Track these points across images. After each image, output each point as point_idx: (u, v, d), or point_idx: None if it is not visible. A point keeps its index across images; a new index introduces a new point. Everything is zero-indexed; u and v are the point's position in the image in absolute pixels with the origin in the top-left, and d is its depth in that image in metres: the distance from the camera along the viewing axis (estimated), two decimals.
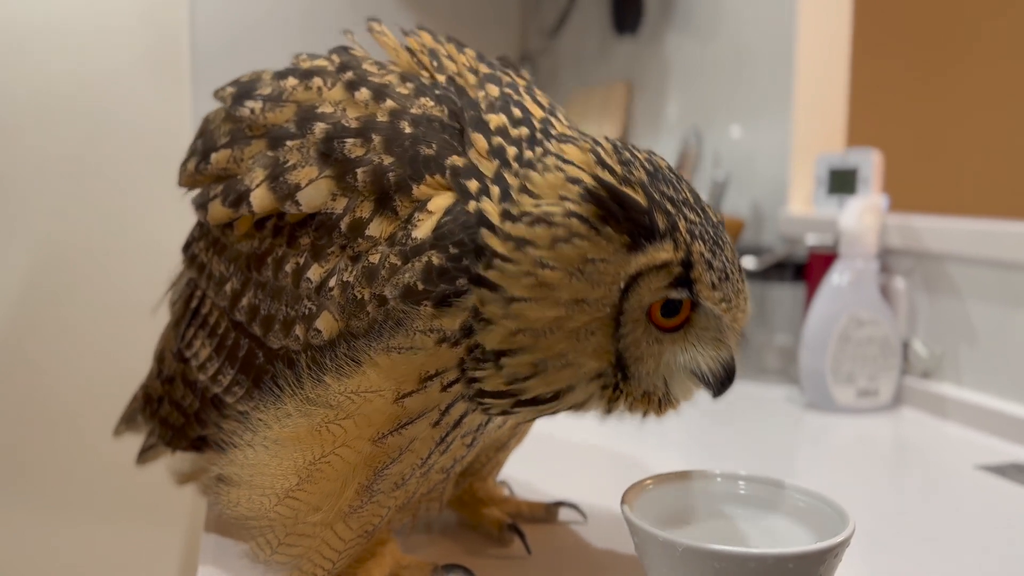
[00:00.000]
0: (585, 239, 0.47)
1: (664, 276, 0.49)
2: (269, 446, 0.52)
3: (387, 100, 0.53)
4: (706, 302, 0.50)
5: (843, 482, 0.86)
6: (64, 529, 1.57)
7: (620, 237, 0.48)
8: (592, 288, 0.48)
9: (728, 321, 0.51)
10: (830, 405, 1.08)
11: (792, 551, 0.47)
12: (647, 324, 0.50)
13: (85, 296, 1.57)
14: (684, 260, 0.49)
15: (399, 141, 0.51)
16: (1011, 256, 0.98)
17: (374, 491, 0.53)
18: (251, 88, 0.58)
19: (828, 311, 1.08)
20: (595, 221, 0.47)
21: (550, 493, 0.75)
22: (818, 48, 1.35)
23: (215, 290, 0.58)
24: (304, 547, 0.54)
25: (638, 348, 0.50)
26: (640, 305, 0.49)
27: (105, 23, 1.56)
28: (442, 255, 0.48)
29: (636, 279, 0.48)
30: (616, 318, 0.49)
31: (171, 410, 0.65)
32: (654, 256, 0.48)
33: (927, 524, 0.74)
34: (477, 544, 0.65)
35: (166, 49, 1.62)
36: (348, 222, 0.50)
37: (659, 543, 0.48)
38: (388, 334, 0.49)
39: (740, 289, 0.52)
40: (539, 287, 0.47)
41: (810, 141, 1.36)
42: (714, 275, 0.50)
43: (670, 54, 1.70)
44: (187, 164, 0.60)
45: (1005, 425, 0.97)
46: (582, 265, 0.48)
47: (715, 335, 0.52)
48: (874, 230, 1.09)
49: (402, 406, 0.50)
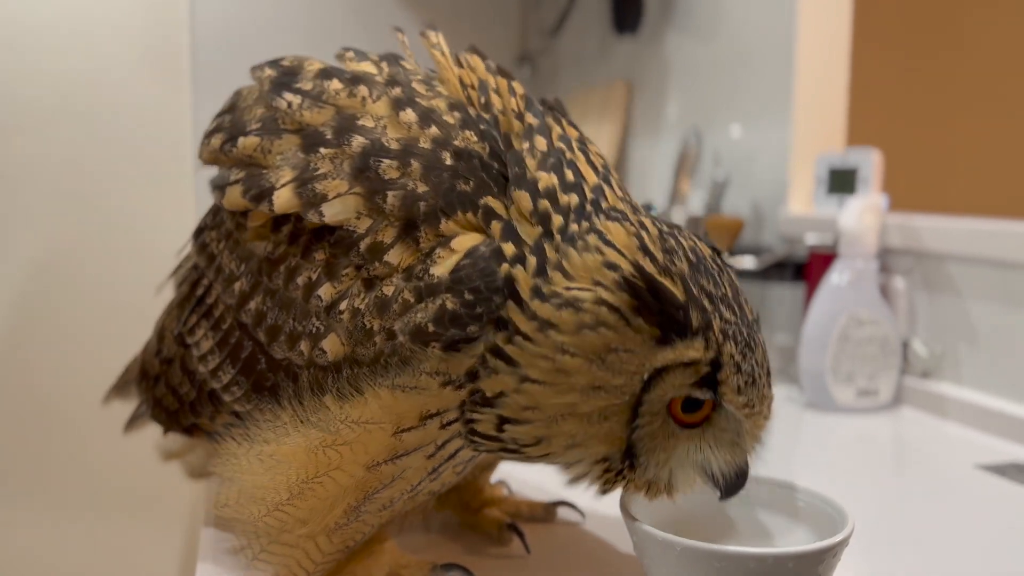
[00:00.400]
0: (612, 328, 0.46)
1: (691, 374, 0.47)
2: (264, 460, 0.52)
3: (432, 127, 0.51)
4: (729, 405, 0.49)
5: (842, 482, 0.85)
6: (63, 527, 1.57)
7: (651, 330, 0.46)
8: (612, 376, 0.47)
9: (748, 426, 0.50)
10: (830, 405, 1.08)
11: (791, 551, 0.47)
12: (666, 417, 0.49)
13: (84, 295, 1.57)
14: (713, 360, 0.47)
15: (438, 171, 0.49)
16: (1011, 256, 0.98)
17: (361, 511, 0.53)
18: (292, 78, 0.55)
19: (828, 311, 1.08)
20: (627, 311, 0.46)
21: (549, 492, 0.75)
22: (818, 48, 1.35)
23: (223, 286, 0.57)
24: (284, 556, 0.54)
25: (653, 440, 0.49)
26: (662, 399, 0.48)
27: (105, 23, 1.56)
28: (456, 300, 0.47)
29: (661, 372, 0.47)
30: (634, 407, 0.48)
31: (166, 392, 0.65)
32: (683, 352, 0.47)
33: (927, 524, 0.74)
34: (476, 543, 0.65)
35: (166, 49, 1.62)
36: (368, 244, 0.49)
37: (658, 543, 0.48)
38: (394, 371, 0.48)
39: (765, 395, 0.50)
40: (556, 372, 0.46)
41: (810, 141, 1.36)
42: (741, 379, 0.48)
43: (670, 54, 1.70)
44: (211, 139, 0.57)
45: (1005, 425, 0.96)
46: (604, 354, 0.46)
47: (733, 438, 0.51)
48: (874, 230, 1.09)
49: (400, 439, 0.50)
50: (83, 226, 1.57)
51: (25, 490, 1.56)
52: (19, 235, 1.53)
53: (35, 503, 1.56)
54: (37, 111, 1.53)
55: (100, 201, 1.58)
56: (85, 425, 1.53)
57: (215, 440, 0.58)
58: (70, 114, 1.55)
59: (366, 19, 1.94)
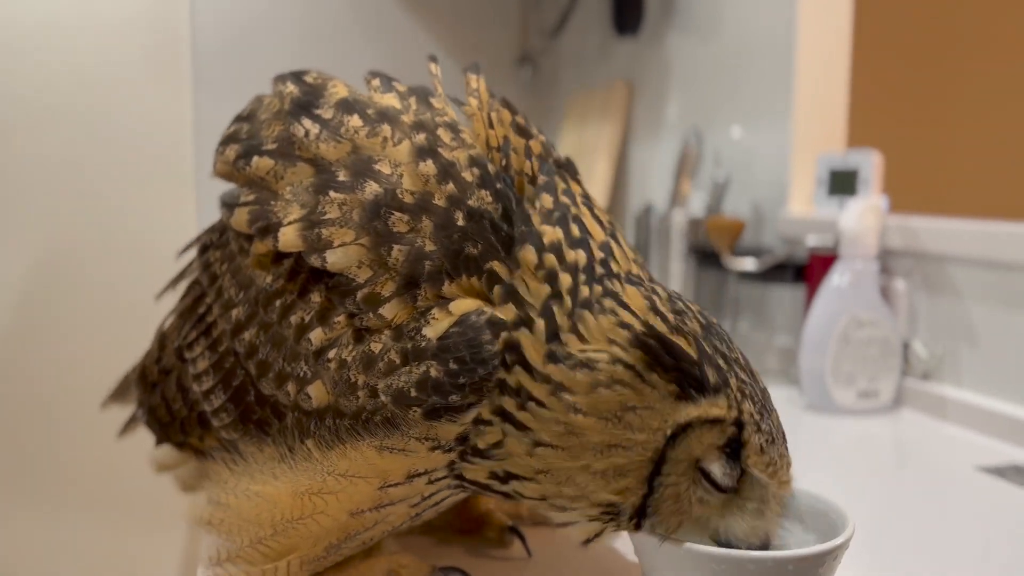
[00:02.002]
0: (628, 386, 0.46)
1: (717, 434, 0.47)
2: (251, 496, 0.52)
3: (449, 183, 0.50)
4: (753, 469, 0.48)
5: (843, 483, 0.85)
6: (65, 530, 1.57)
7: (667, 386, 0.46)
8: (632, 433, 0.46)
9: (773, 490, 0.49)
10: (830, 406, 1.08)
11: (791, 553, 0.47)
12: (695, 479, 0.48)
13: (85, 297, 1.57)
14: (736, 420, 0.47)
15: (448, 232, 0.48)
16: (1011, 257, 0.98)
17: (341, 548, 0.53)
18: (313, 100, 0.55)
19: (828, 312, 1.08)
20: (641, 368, 0.45)
21: None
22: (819, 49, 1.35)
23: (222, 310, 0.57)
24: (248, 572, 0.54)
25: (676, 501, 0.48)
26: (688, 456, 0.47)
27: (105, 23, 1.56)
28: (441, 368, 0.46)
29: (686, 430, 0.46)
30: (657, 463, 0.47)
31: (160, 404, 0.65)
32: (707, 409, 0.46)
33: (927, 525, 0.74)
34: (476, 546, 0.65)
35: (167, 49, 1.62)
36: (365, 294, 0.48)
37: (658, 545, 0.48)
38: (382, 432, 0.48)
39: (784, 454, 0.49)
40: (568, 435, 0.46)
41: (810, 142, 1.36)
42: (763, 438, 0.47)
43: (671, 54, 1.70)
44: (227, 150, 0.56)
45: (1005, 426, 0.96)
46: (620, 412, 0.46)
47: (758, 505, 0.49)
48: (874, 231, 1.09)
49: (386, 492, 0.50)
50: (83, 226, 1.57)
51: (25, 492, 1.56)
52: (18, 235, 1.53)
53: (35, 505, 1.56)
54: (37, 111, 1.53)
55: (100, 201, 1.58)
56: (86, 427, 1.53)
57: (204, 459, 0.58)
58: (70, 114, 1.55)
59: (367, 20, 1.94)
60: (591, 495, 0.48)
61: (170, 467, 0.72)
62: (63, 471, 1.57)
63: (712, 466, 0.47)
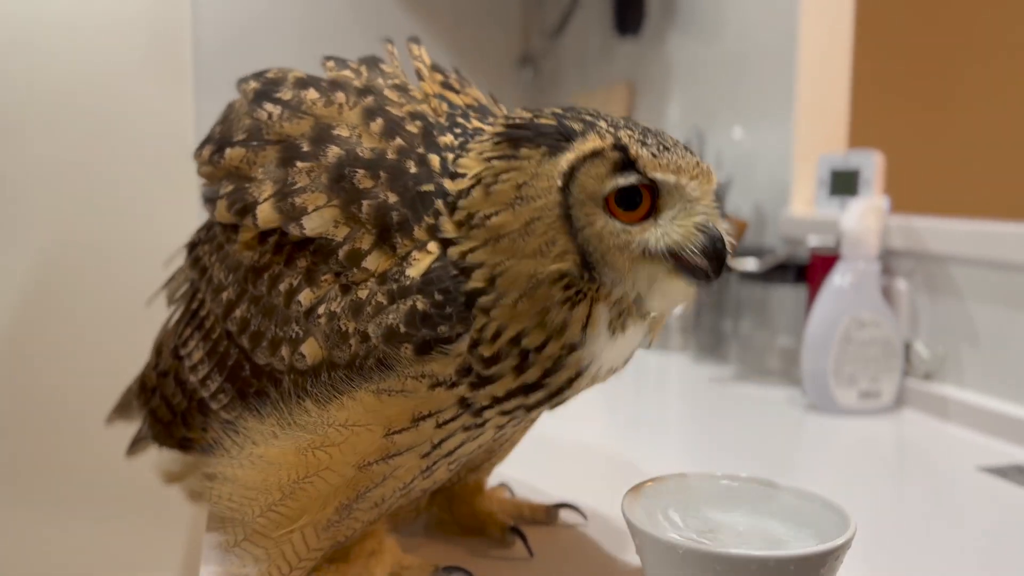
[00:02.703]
0: (508, 170, 0.49)
1: (601, 163, 0.48)
2: (255, 461, 0.52)
3: (397, 138, 0.53)
4: (655, 173, 0.49)
5: (845, 484, 0.85)
6: (67, 528, 1.57)
7: (537, 150, 0.49)
8: (535, 202, 0.48)
9: (691, 189, 0.49)
10: (832, 407, 1.08)
11: (793, 553, 0.47)
12: (608, 218, 0.49)
13: (87, 296, 1.57)
14: (616, 145, 0.48)
15: (403, 180, 0.51)
16: (1013, 257, 0.98)
17: (352, 509, 0.53)
18: (273, 88, 0.57)
19: (830, 312, 1.08)
20: (510, 150, 0.49)
21: (551, 495, 0.75)
22: (820, 49, 1.35)
23: (212, 295, 0.59)
24: (268, 548, 0.54)
25: (602, 242, 0.49)
26: (585, 193, 0.48)
27: (106, 22, 1.56)
28: (427, 301, 0.48)
29: (573, 173, 0.48)
30: (567, 216, 0.48)
31: (160, 404, 0.66)
32: (580, 148, 0.49)
33: (928, 526, 0.74)
34: (479, 546, 0.65)
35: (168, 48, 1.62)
36: (347, 251, 0.50)
37: (660, 545, 0.48)
38: (378, 376, 0.48)
39: (686, 156, 0.50)
40: (494, 240, 0.48)
41: (812, 142, 1.36)
42: (652, 149, 0.49)
43: (672, 55, 1.70)
44: (203, 150, 0.59)
45: (1007, 426, 0.96)
46: (517, 193, 0.48)
47: (682, 206, 0.50)
48: (876, 231, 1.09)
49: (392, 441, 0.50)
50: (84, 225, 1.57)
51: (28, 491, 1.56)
52: (19, 234, 1.53)
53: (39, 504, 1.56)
54: (38, 111, 1.53)
55: (101, 201, 1.58)
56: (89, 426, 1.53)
57: (208, 453, 0.58)
58: (71, 114, 1.55)
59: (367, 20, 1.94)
60: (540, 274, 0.48)
61: (178, 478, 0.72)
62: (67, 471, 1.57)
63: (607, 186, 0.48)
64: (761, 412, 1.09)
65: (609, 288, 0.49)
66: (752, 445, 0.97)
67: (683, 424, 1.10)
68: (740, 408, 1.12)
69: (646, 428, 1.06)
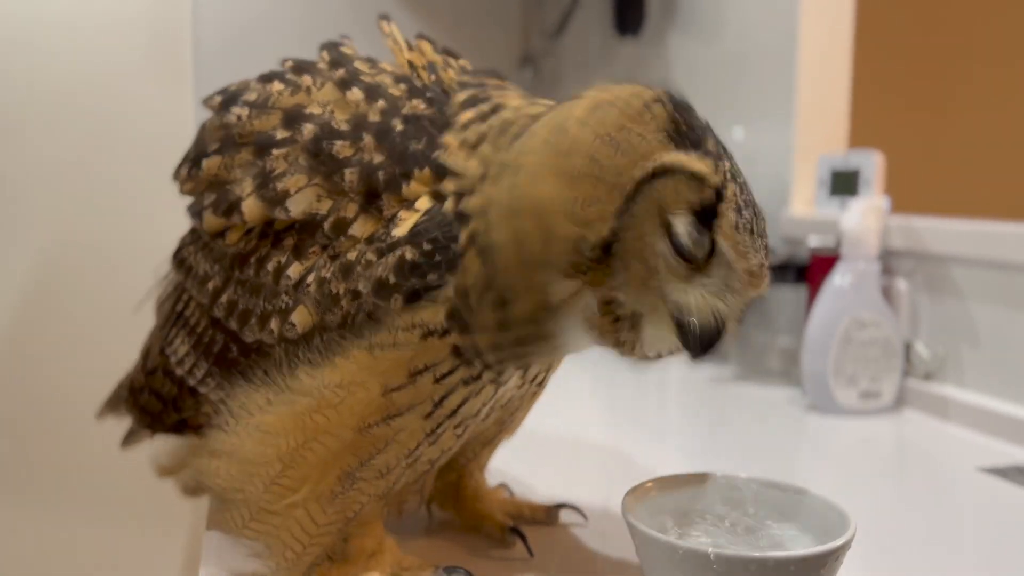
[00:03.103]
0: (627, 113, 0.47)
1: (694, 191, 0.46)
2: (252, 432, 0.53)
3: (380, 100, 0.53)
4: (722, 242, 0.46)
5: (845, 484, 0.85)
6: (66, 529, 1.57)
7: (666, 122, 0.47)
8: (617, 154, 0.46)
9: (739, 277, 0.47)
10: (832, 407, 1.08)
11: (793, 554, 0.47)
12: (661, 233, 0.47)
13: (87, 297, 1.57)
14: (718, 188, 0.46)
15: (390, 137, 0.51)
16: (1013, 257, 0.98)
17: (356, 478, 0.53)
18: (238, 94, 0.58)
19: (830, 313, 1.08)
20: (650, 100, 0.47)
21: (551, 495, 0.75)
22: (820, 49, 1.35)
23: (198, 288, 0.59)
24: (273, 526, 0.54)
25: (640, 253, 0.47)
26: (659, 205, 0.46)
27: (107, 22, 1.56)
28: (416, 250, 0.48)
29: (665, 174, 0.46)
30: (629, 199, 0.46)
31: (150, 398, 0.66)
32: (693, 162, 0.46)
33: (929, 526, 0.74)
34: (478, 546, 0.65)
35: (168, 48, 1.62)
36: (332, 222, 0.51)
37: (660, 546, 0.48)
38: (369, 332, 0.49)
39: (759, 250, 0.47)
40: (560, 147, 0.47)
41: (812, 142, 1.36)
42: (741, 220, 0.46)
43: (672, 55, 1.70)
44: (180, 170, 0.60)
45: (1007, 427, 0.96)
46: (615, 132, 0.46)
47: (720, 286, 0.48)
48: (876, 232, 1.09)
49: (390, 399, 0.50)
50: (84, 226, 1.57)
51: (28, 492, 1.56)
52: (20, 235, 1.53)
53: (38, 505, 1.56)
54: (39, 111, 1.53)
55: (102, 201, 1.58)
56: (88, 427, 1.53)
57: (203, 432, 0.58)
58: (71, 114, 1.55)
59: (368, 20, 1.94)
60: (557, 228, 0.46)
61: (172, 471, 0.72)
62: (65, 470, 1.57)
63: (678, 220, 0.46)
64: (761, 412, 1.09)
65: (615, 286, 0.48)
66: (752, 445, 0.97)
67: (683, 424, 1.10)
68: (740, 408, 1.12)
69: (646, 428, 1.05)
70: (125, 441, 0.77)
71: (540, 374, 0.59)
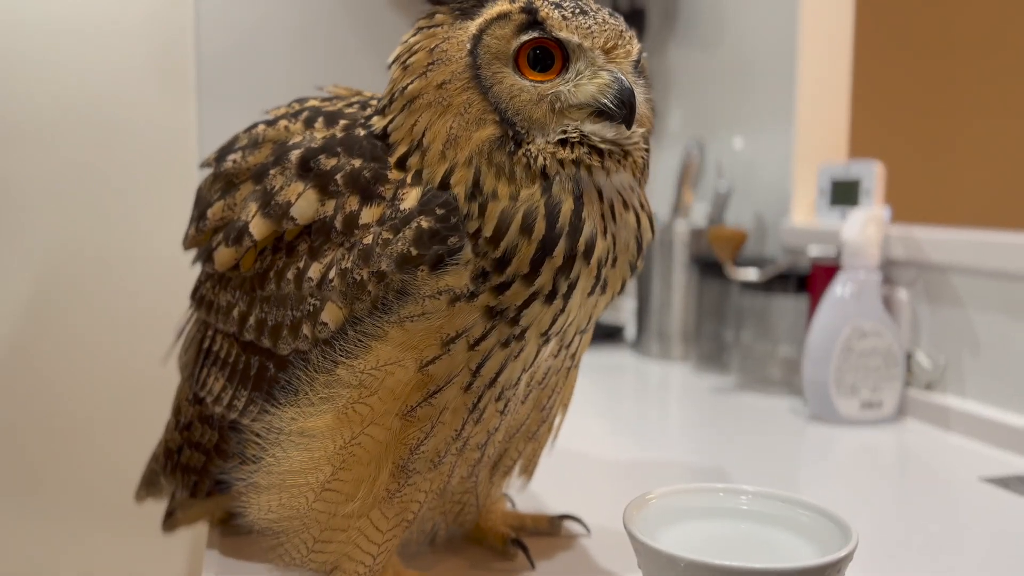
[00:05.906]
0: (422, 41, 0.53)
1: (508, 24, 0.51)
2: (297, 440, 0.53)
3: (340, 120, 0.57)
4: (560, 33, 0.51)
5: (846, 494, 0.85)
6: (70, 537, 1.57)
7: (449, 15, 0.52)
8: (448, 65, 0.51)
9: (598, 49, 0.51)
10: (833, 416, 1.08)
11: (795, 566, 0.47)
12: (516, 76, 0.51)
13: (91, 302, 1.57)
14: (524, 7, 0.51)
15: (358, 145, 0.54)
16: (1013, 267, 0.98)
17: (410, 471, 0.53)
18: (230, 146, 0.61)
19: (831, 322, 1.08)
20: (423, 21, 0.53)
21: (553, 506, 0.75)
22: (820, 59, 1.35)
23: (223, 319, 0.59)
24: (341, 542, 0.54)
25: (512, 98, 0.51)
26: (491, 53, 0.51)
27: (110, 29, 1.57)
28: (430, 218, 0.50)
29: (481, 35, 0.51)
30: (477, 77, 0.51)
31: (192, 453, 0.64)
32: (488, 13, 0.52)
33: (931, 537, 0.74)
34: (481, 558, 0.65)
35: (171, 55, 1.62)
36: (341, 219, 0.52)
37: (662, 558, 0.48)
38: (397, 306, 0.50)
39: (606, 22, 0.52)
40: (410, 102, 0.52)
41: (812, 152, 1.36)
42: (564, 11, 0.51)
43: (673, 65, 1.70)
44: (188, 230, 0.62)
45: (1009, 437, 0.96)
46: (429, 58, 0.52)
47: (591, 68, 0.52)
48: (876, 241, 1.09)
49: (427, 374, 0.51)
50: (87, 232, 1.57)
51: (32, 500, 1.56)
52: (25, 242, 1.54)
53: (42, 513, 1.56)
54: (43, 120, 1.53)
55: (106, 207, 1.58)
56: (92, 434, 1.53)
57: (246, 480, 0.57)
58: (75, 121, 1.55)
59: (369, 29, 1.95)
60: (473, 140, 0.51)
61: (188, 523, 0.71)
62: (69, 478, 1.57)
63: (512, 45, 0.51)
64: (762, 422, 1.09)
65: (536, 137, 0.51)
66: (753, 455, 0.97)
67: (685, 434, 1.10)
68: (741, 418, 1.12)
69: (648, 438, 1.05)
70: (165, 524, 0.72)
71: (574, 343, 0.59)
